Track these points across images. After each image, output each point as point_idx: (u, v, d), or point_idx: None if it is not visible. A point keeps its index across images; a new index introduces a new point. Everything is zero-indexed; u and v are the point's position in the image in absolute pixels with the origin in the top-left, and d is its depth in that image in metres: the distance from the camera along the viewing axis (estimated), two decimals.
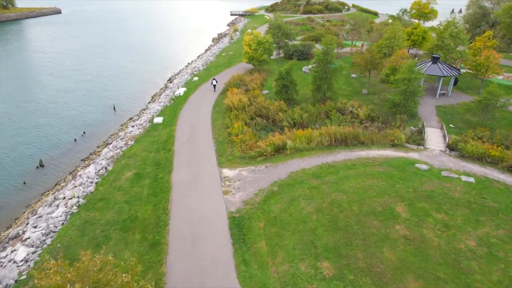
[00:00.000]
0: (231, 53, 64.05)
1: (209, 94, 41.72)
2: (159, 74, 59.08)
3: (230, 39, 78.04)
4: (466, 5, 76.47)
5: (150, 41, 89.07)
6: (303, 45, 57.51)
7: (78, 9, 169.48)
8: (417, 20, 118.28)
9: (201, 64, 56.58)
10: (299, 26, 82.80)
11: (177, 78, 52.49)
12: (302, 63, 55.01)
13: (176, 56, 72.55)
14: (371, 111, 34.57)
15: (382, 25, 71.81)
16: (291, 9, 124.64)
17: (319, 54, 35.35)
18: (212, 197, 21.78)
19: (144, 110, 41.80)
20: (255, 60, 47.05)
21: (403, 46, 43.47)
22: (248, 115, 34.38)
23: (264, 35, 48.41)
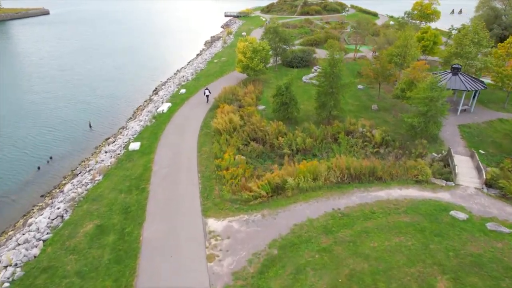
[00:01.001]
0: (223, 59, 58.77)
1: (197, 110, 36.46)
2: (144, 83, 53.64)
3: (223, 43, 72.74)
4: (476, 6, 71.66)
5: (139, 44, 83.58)
6: (303, 51, 52.41)
7: (67, 10, 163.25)
8: (418, 21, 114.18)
9: (190, 72, 51.27)
10: (297, 29, 77.71)
11: (163, 89, 47.14)
12: (302, 71, 49.91)
13: (165, 62, 67.13)
14: (385, 133, 29.49)
15: (388, 29, 66.85)
16: (288, 10, 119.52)
17: (325, 66, 30.19)
18: (193, 266, 16.55)
19: (122, 130, 36.38)
20: (250, 69, 41.87)
21: (416, 55, 38.46)
22: (242, 138, 29.19)
23: (260, 42, 43.20)
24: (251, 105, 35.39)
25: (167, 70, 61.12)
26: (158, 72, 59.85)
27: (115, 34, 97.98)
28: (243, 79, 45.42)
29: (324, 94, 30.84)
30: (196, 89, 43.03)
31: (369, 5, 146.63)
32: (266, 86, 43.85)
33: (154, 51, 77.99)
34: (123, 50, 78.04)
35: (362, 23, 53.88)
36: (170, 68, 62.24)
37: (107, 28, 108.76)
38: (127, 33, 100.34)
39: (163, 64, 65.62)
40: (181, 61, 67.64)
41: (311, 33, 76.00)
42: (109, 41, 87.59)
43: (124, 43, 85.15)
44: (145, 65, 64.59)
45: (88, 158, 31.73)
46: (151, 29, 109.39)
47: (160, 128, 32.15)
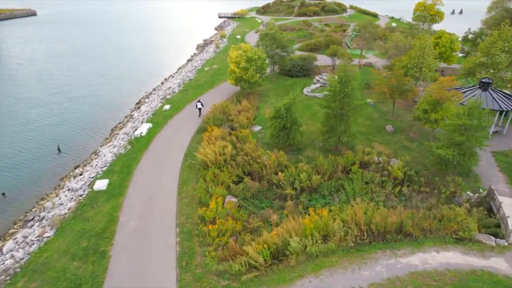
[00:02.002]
0: (215, 67, 53.35)
1: (182, 132, 31.07)
2: (128, 94, 48.04)
3: (216, 48, 67.28)
4: (488, 6, 66.65)
5: (127, 48, 77.84)
6: (303, 59, 47.10)
7: (56, 11, 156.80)
8: (422, 23, 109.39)
9: (177, 83, 45.79)
10: (295, 32, 72.43)
11: (146, 103, 41.61)
12: (302, 81, 44.62)
13: (153, 69, 61.52)
14: (407, 166, 24.30)
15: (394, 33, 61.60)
16: (285, 11, 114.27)
17: (334, 84, 24.89)
18: None
19: (92, 156, 30.83)
20: (244, 82, 36.52)
21: (434, 66, 33.28)
22: (233, 173, 23.87)
23: (256, 50, 37.83)
24: (245, 127, 30.03)
25: (153, 78, 55.56)
26: (144, 81, 54.28)
27: (102, 36, 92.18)
28: (236, 92, 40.10)
29: (333, 117, 25.57)
30: (182, 105, 37.61)
31: (366, 5, 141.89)
32: (262, 100, 38.56)
33: (142, 55, 72.36)
34: (109, 54, 72.35)
35: (367, 27, 48.65)
36: (157, 76, 56.69)
37: (95, 30, 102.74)
38: (115, 35, 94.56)
39: (150, 71, 60.02)
40: (170, 68, 62.12)
41: (310, 37, 70.79)
42: (96, 44, 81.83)
43: (111, 46, 79.43)
44: (131, 73, 58.97)
45: (48, 195, 26.20)
46: (141, 31, 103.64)
47: (135, 159, 26.71)
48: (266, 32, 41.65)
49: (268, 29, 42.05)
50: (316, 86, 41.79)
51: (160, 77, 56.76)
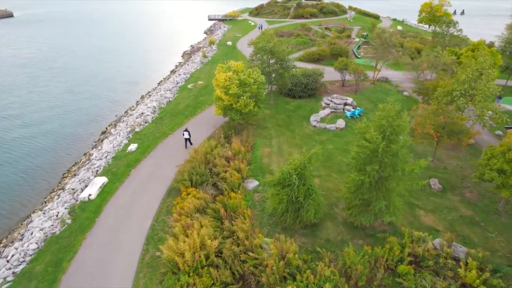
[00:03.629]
0: (200, 83, 44.48)
1: (148, 192, 22.21)
2: (92, 122, 38.76)
3: (203, 58, 58.31)
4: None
5: (103, 56, 68.31)
6: (307, 75, 38.44)
7: (35, 12, 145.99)
8: (427, 25, 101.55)
9: (152, 107, 36.79)
10: (293, 39, 63.79)
11: (112, 135, 32.54)
12: (308, 105, 36.02)
13: (130, 83, 52.29)
14: (484, 261, 15.83)
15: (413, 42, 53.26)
16: (280, 13, 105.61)
17: (373, 138, 16.08)
18: None
19: (17, 231, 21.69)
20: (234, 112, 27.80)
21: (493, 93, 24.72)
22: (218, 279, 15.16)
23: (251, 70, 29.07)
24: (235, 186, 21.26)
25: (129, 96, 46.48)
26: (117, 99, 45.09)
27: (78, 41, 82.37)
28: (224, 123, 31.36)
29: (367, 187, 16.87)
30: (154, 142, 28.69)
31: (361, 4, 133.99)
32: (258, 133, 29.87)
33: (120, 64, 62.97)
34: (82, 62, 62.84)
35: (382, 34, 40.17)
36: (133, 93, 47.63)
37: (72, 33, 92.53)
38: (94, 39, 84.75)
39: (127, 86, 50.82)
40: (150, 81, 53.15)
41: (311, 44, 62.28)
42: (69, 50, 72.14)
43: (86, 53, 69.82)
44: (105, 87, 49.70)
45: None
46: (124, 35, 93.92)
47: (71, 249, 17.76)
48: (262, 45, 32.88)
49: (265, 40, 33.30)
50: (325, 113, 33.18)
51: (137, 94, 47.77)
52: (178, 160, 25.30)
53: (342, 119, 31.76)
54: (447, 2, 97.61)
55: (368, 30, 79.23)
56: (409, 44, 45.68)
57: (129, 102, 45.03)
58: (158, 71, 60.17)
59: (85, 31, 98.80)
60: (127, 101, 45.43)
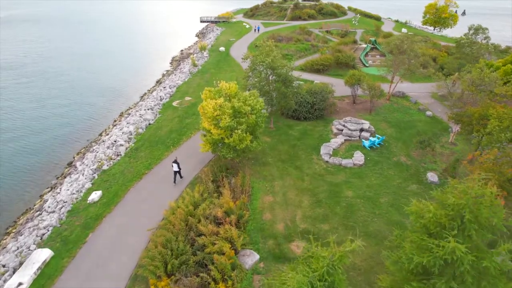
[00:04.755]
0: (188, 99, 38.23)
1: (104, 284, 15.92)
2: (53, 153, 32.14)
3: (192, 66, 51.97)
4: None
5: (83, 64, 61.46)
6: (313, 92, 32.37)
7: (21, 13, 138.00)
8: (432, 27, 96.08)
9: (128, 132, 30.44)
10: (293, 44, 57.68)
11: (73, 174, 26.12)
12: (315, 129, 29.92)
13: (108, 98, 45.69)
14: None
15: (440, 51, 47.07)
16: (276, 14, 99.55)
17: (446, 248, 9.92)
18: None
19: None
20: (227, 149, 21.65)
21: None
22: None
23: (248, 94, 22.90)
24: (227, 269, 15.08)
25: (105, 116, 39.99)
26: (89, 122, 38.41)
27: (60, 45, 75.29)
28: (213, 159, 25.13)
29: None
30: (125, 189, 22.40)
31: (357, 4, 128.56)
32: (256, 171, 23.74)
33: (101, 74, 56.28)
34: (62, 71, 55.94)
35: (405, 41, 34.12)
36: (110, 111, 41.18)
37: (57, 35, 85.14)
38: (77, 43, 77.64)
39: (104, 103, 44.27)
40: (131, 95, 46.74)
41: (313, 50, 56.26)
42: (48, 57, 65.16)
43: (68, 60, 62.83)
44: (77, 105, 43.08)
45: None
46: (110, 37, 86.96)
47: None
48: (260, 59, 26.66)
49: (264, 54, 27.09)
50: (338, 142, 27.11)
51: (116, 110, 41.45)
52: (155, 216, 19.13)
53: (359, 151, 25.73)
54: (453, 3, 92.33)
55: (372, 33, 73.47)
56: (423, 50, 39.74)
57: (106, 121, 38.71)
58: (143, 80, 53.85)
59: (70, 33, 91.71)
60: (104, 119, 39.07)
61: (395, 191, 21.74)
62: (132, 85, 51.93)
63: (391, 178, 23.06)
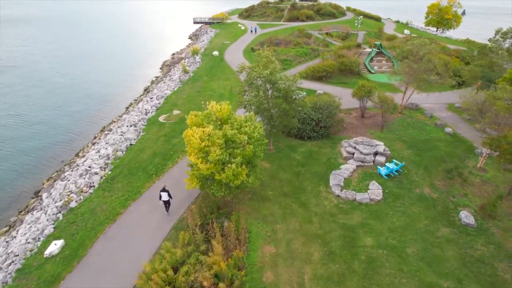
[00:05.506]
0: (177, 113, 34.15)
1: None
2: (18, 181, 27.97)
3: (183, 74, 47.83)
4: None
5: (67, 68, 56.93)
6: (318, 108, 28.36)
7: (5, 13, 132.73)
8: (435, 28, 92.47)
9: (104, 158, 26.24)
10: (292, 48, 53.66)
11: (32, 215, 21.92)
12: (322, 151, 25.94)
13: (88, 112, 41.28)
14: None
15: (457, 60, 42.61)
16: (273, 15, 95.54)
17: None
18: None
19: None
20: (217, 186, 17.64)
21: None
22: None
23: (244, 119, 18.89)
24: None
25: (83, 133, 35.69)
26: (65, 141, 34.07)
27: (45, 48, 70.57)
28: (201, 194, 21.03)
29: None
30: (93, 235, 18.27)
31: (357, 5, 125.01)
32: (254, 208, 19.72)
33: (85, 81, 51.85)
34: (43, 76, 51.38)
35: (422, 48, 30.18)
36: (90, 127, 36.91)
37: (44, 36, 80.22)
38: (63, 46, 72.90)
39: (84, 116, 39.90)
40: (115, 107, 42.56)
41: (314, 54, 52.32)
42: (30, 61, 60.46)
43: (51, 64, 58.27)
44: (55, 119, 38.75)
45: None
46: (99, 39, 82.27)
47: None
48: (257, 73, 22.57)
49: (261, 66, 23.05)
50: (350, 169, 23.14)
51: (97, 125, 37.31)
52: (127, 278, 15.08)
53: (375, 182, 21.79)
54: (456, 3, 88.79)
55: (374, 35, 69.69)
56: (443, 59, 35.87)
57: (86, 136, 34.63)
58: (131, 88, 49.71)
59: (56, 34, 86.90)
60: (84, 135, 34.96)
61: (424, 237, 17.82)
62: (119, 93, 47.78)
63: (416, 218, 19.13)
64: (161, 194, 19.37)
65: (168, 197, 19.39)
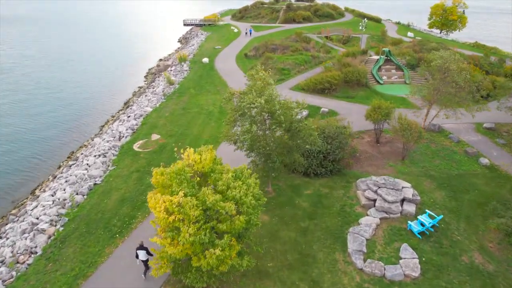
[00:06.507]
0: (156, 138, 28.59)
1: None
2: None
3: (167, 85, 42.28)
4: None
5: (44, 78, 50.86)
6: (327, 136, 22.93)
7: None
8: (438, 30, 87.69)
9: (56, 207, 20.65)
10: (290, 56, 48.26)
11: None
12: (333, 195, 20.59)
13: (56, 136, 35.44)
14: None
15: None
16: (268, 16, 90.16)
17: None
18: None
19: None
20: (196, 274, 12.16)
21: None
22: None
23: (232, 177, 13.41)
24: None
25: (39, 167, 30.05)
26: (15, 180, 28.33)
27: (14, 56, 64.04)
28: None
29: None
30: None
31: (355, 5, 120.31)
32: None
33: (60, 93, 45.92)
34: (10, 92, 45.56)
35: (452, 62, 24.95)
36: (51, 157, 31.18)
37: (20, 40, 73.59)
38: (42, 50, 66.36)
39: (53, 140, 34.11)
40: (88, 128, 36.91)
41: (314, 62, 47.00)
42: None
43: (20, 75, 52.00)
44: (16, 147, 33.06)
45: None
46: (83, 43, 75.90)
47: None
48: (249, 101, 17.08)
49: (255, 91, 17.61)
50: (373, 224, 17.81)
51: (62, 152, 31.64)
52: None
53: (407, 246, 16.52)
54: (462, 3, 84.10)
55: (378, 39, 64.59)
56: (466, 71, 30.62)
57: (47, 169, 28.98)
58: (110, 102, 44.20)
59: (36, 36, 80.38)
60: (45, 166, 29.42)
61: None
62: (95, 107, 42.23)
63: None
64: (137, 252, 14.59)
65: (147, 256, 14.65)
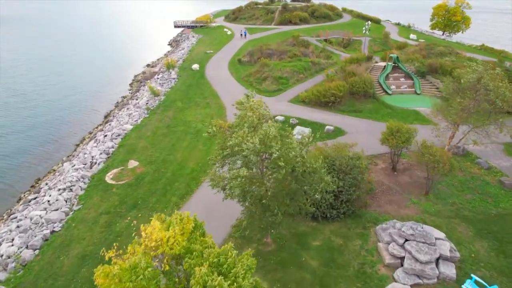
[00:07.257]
0: (133, 165, 24.24)
1: None
2: None
3: (151, 97, 37.86)
4: None
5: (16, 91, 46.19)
6: (338, 171, 18.66)
7: None
8: (441, 31, 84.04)
9: (21, 245, 16.20)
10: (288, 62, 43.99)
11: None
12: (348, 248, 16.34)
13: (22, 160, 31.11)
14: None
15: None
16: (262, 18, 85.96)
17: None
18: None
19: None
20: None
21: None
22: None
23: (220, 252, 9.08)
24: None
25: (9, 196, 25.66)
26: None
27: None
28: None
29: None
30: None
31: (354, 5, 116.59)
32: None
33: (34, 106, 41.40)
34: None
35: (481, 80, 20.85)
36: (10, 191, 26.81)
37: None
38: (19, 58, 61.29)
39: (19, 167, 29.81)
40: (59, 150, 32.45)
41: (314, 69, 42.87)
42: None
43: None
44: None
45: None
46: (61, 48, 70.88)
47: None
48: (238, 141, 12.82)
49: (246, 126, 13.35)
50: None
51: (24, 182, 27.14)
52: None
53: None
54: (465, 3, 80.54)
55: (380, 42, 60.64)
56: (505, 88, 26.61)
57: (4, 204, 24.49)
58: (89, 115, 39.97)
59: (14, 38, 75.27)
60: (1, 200, 24.81)
61: None
62: (72, 121, 38.00)
63: None
64: None
65: None
